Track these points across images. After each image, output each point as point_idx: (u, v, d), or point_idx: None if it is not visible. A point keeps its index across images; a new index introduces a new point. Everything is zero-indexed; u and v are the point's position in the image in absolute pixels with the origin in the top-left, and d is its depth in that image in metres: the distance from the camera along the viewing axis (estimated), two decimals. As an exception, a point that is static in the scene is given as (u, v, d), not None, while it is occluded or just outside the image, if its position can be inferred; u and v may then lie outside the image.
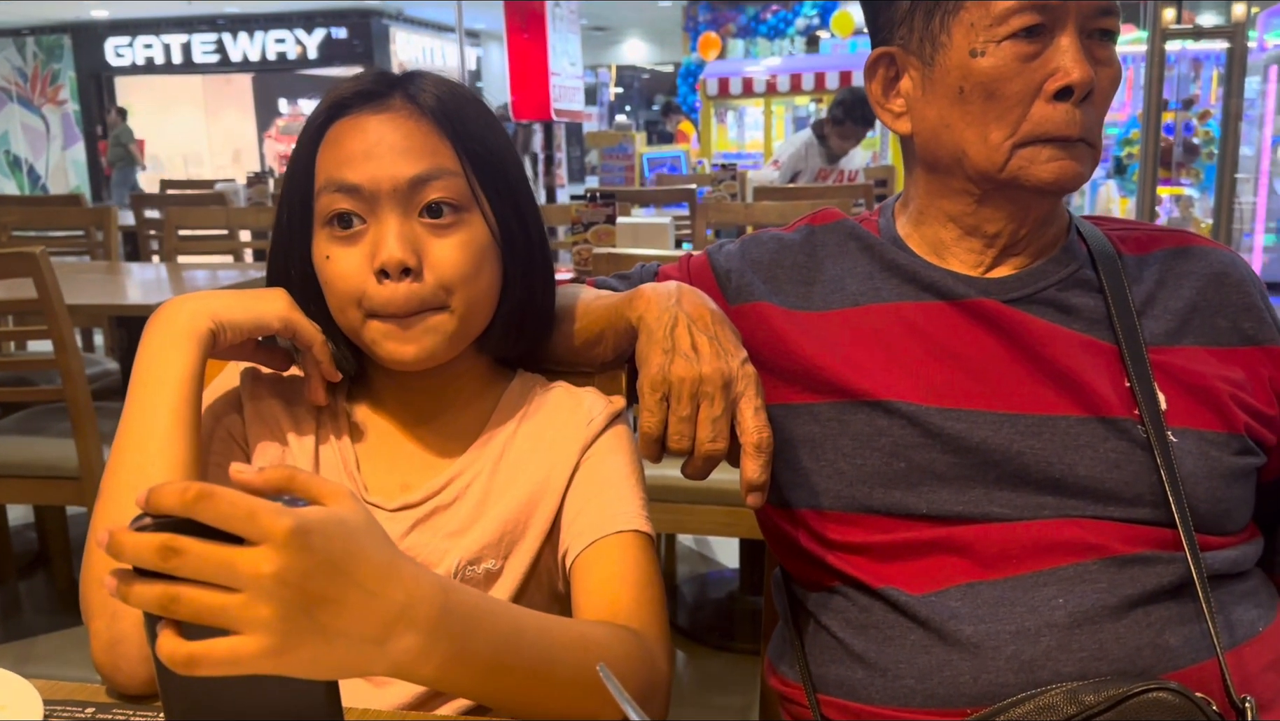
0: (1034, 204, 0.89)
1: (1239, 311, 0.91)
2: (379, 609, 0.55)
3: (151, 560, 0.50)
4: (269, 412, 0.89)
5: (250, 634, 0.51)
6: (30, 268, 2.06)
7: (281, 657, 0.52)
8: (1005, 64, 0.84)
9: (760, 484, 0.81)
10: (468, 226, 0.82)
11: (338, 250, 0.82)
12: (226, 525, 0.51)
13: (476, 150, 0.83)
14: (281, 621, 0.51)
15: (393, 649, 0.56)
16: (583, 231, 2.70)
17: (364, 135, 0.81)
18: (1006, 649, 0.80)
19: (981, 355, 0.89)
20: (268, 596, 0.51)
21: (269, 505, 0.52)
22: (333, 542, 0.53)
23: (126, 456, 0.78)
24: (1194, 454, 0.84)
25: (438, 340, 0.82)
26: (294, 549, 0.51)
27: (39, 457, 2.23)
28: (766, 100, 9.88)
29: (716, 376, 0.82)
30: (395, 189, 0.80)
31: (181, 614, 0.50)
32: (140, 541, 0.50)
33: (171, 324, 0.81)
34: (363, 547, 0.55)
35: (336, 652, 0.54)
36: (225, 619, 0.51)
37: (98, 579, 0.75)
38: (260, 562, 0.51)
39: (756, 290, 0.97)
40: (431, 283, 0.81)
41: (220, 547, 0.50)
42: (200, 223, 3.84)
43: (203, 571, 0.50)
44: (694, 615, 2.65)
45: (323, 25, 15.71)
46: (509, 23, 7.11)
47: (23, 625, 2.59)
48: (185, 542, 0.50)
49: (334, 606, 0.53)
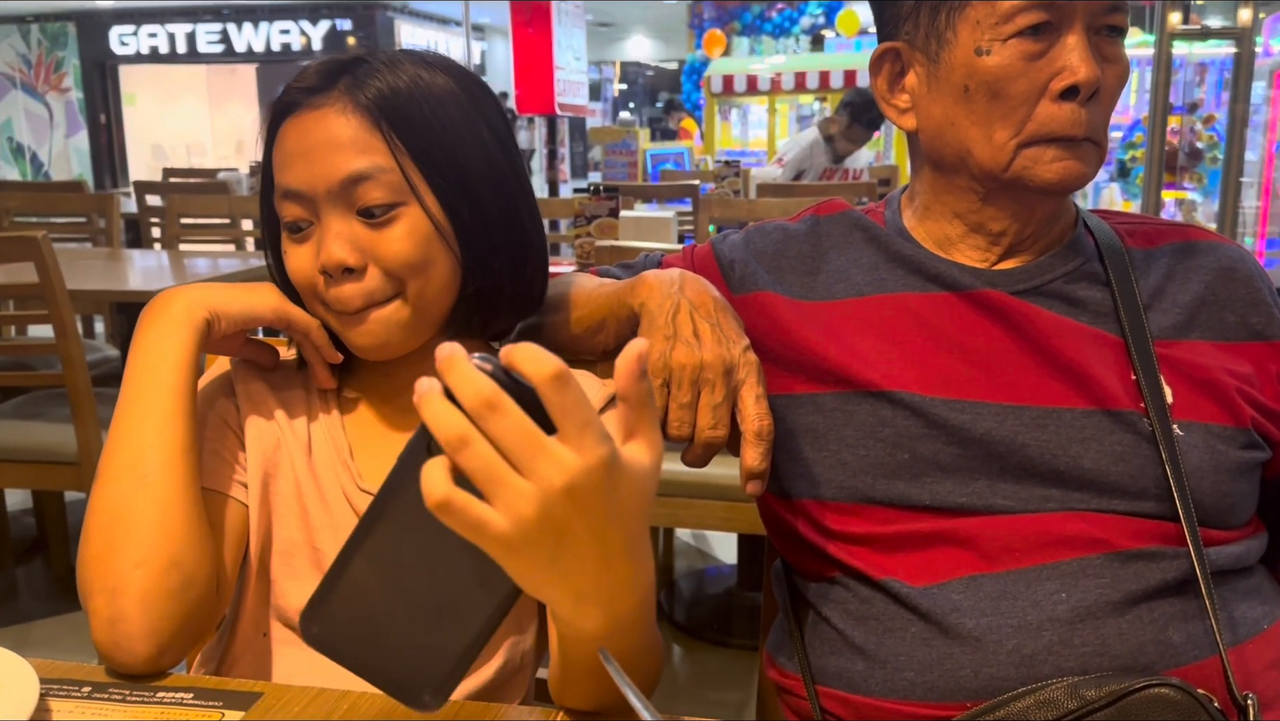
0: (1038, 203, 0.89)
1: (1247, 306, 0.90)
2: (599, 578, 0.54)
3: (472, 402, 0.48)
4: (262, 401, 0.89)
5: (505, 516, 0.49)
6: (32, 252, 2.06)
7: (510, 554, 0.50)
8: (1010, 63, 0.84)
9: (760, 472, 0.80)
10: (407, 218, 0.81)
11: (293, 249, 0.84)
12: (560, 415, 0.49)
13: (417, 139, 0.81)
14: (535, 528, 0.49)
15: (581, 612, 0.56)
16: (586, 225, 2.70)
17: (302, 135, 0.81)
18: (1008, 643, 0.80)
19: (987, 347, 0.88)
20: (544, 500, 0.49)
21: (602, 424, 0.50)
22: (619, 494, 0.51)
23: (123, 440, 0.78)
24: (1200, 447, 0.84)
25: (392, 330, 0.83)
26: (595, 475, 0.49)
27: (38, 442, 2.24)
28: (771, 98, 9.86)
29: (718, 363, 0.81)
30: (329, 190, 0.80)
31: (462, 459, 0.48)
32: (473, 378, 0.48)
33: (167, 313, 0.82)
34: (635, 511, 0.54)
35: (547, 580, 0.53)
36: (496, 491, 0.49)
37: (96, 557, 0.75)
38: (561, 468, 0.49)
39: (760, 280, 0.97)
40: (377, 276, 0.81)
41: (535, 429, 0.48)
42: (202, 210, 3.85)
43: (509, 440, 0.48)
44: (691, 610, 2.65)
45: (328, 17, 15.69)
46: (514, 17, 7.11)
47: (19, 610, 2.59)
48: (512, 408, 0.48)
49: (577, 551, 0.52)
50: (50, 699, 0.69)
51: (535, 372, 0.48)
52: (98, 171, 15.10)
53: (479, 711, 0.69)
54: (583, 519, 0.51)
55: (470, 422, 0.48)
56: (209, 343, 0.83)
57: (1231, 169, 3.13)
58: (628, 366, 0.51)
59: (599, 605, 0.56)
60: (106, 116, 15.38)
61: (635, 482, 0.52)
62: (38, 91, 15.56)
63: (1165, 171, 4.06)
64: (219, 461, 0.85)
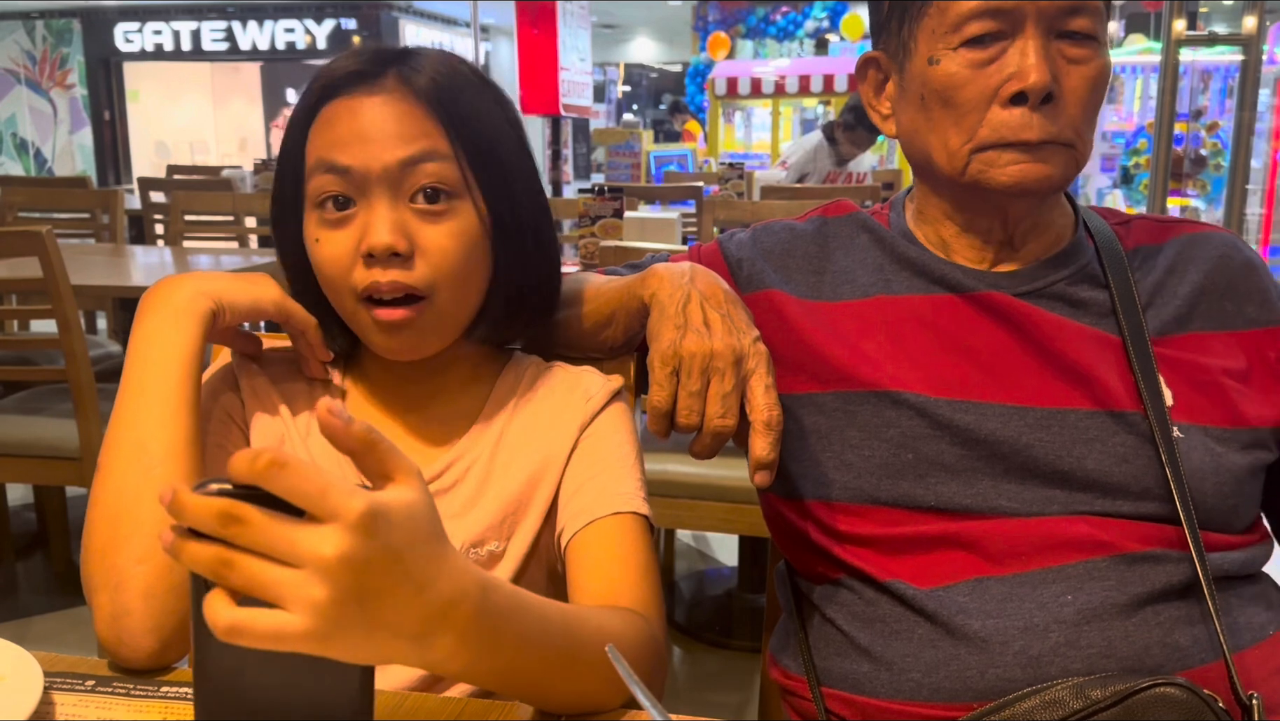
0: (1007, 204, 0.89)
1: (1244, 295, 0.91)
2: (423, 605, 0.53)
3: (212, 525, 0.48)
4: (266, 395, 0.88)
5: (299, 613, 0.48)
6: (36, 247, 2.06)
7: (324, 642, 0.50)
8: (958, 70, 0.85)
9: (769, 462, 0.80)
10: (458, 215, 0.81)
11: (327, 234, 0.81)
12: (295, 498, 0.48)
13: (469, 134, 0.81)
14: (333, 606, 0.49)
15: (428, 646, 0.55)
16: (590, 225, 2.70)
17: (355, 117, 0.79)
18: (1014, 644, 0.80)
19: (991, 348, 0.88)
20: (325, 578, 0.48)
21: (342, 483, 0.49)
22: (395, 531, 0.51)
23: (126, 432, 0.77)
24: (1200, 449, 0.84)
25: (424, 334, 0.82)
26: (361, 533, 0.49)
27: (40, 438, 2.23)
28: (774, 101, 9.88)
29: (728, 352, 0.81)
30: (386, 171, 0.79)
31: (233, 582, 0.48)
32: (202, 504, 0.48)
33: (171, 302, 0.80)
34: (421, 537, 0.53)
35: (375, 643, 0.52)
36: (277, 594, 0.48)
37: (99, 552, 0.74)
38: (325, 543, 0.48)
39: (768, 278, 0.97)
40: (421, 270, 0.80)
41: (284, 521, 0.48)
42: (206, 207, 3.85)
43: (263, 544, 0.48)
44: (691, 612, 2.64)
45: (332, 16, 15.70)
46: (520, 17, 7.11)
47: (20, 605, 2.59)
48: (249, 512, 0.48)
49: (385, 598, 0.51)
50: (54, 692, 0.69)
51: (249, 471, 0.48)
52: (101, 168, 15.11)
53: (482, 711, 0.69)
54: (373, 574, 0.50)
55: (223, 546, 0.48)
56: (212, 334, 0.82)
57: (1237, 176, 3.12)
58: (331, 424, 0.50)
59: (441, 631, 0.55)
60: (110, 113, 15.38)
61: (408, 516, 0.52)
62: (42, 87, 15.56)
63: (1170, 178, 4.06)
64: (223, 455, 0.85)
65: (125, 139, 15.59)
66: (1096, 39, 0.85)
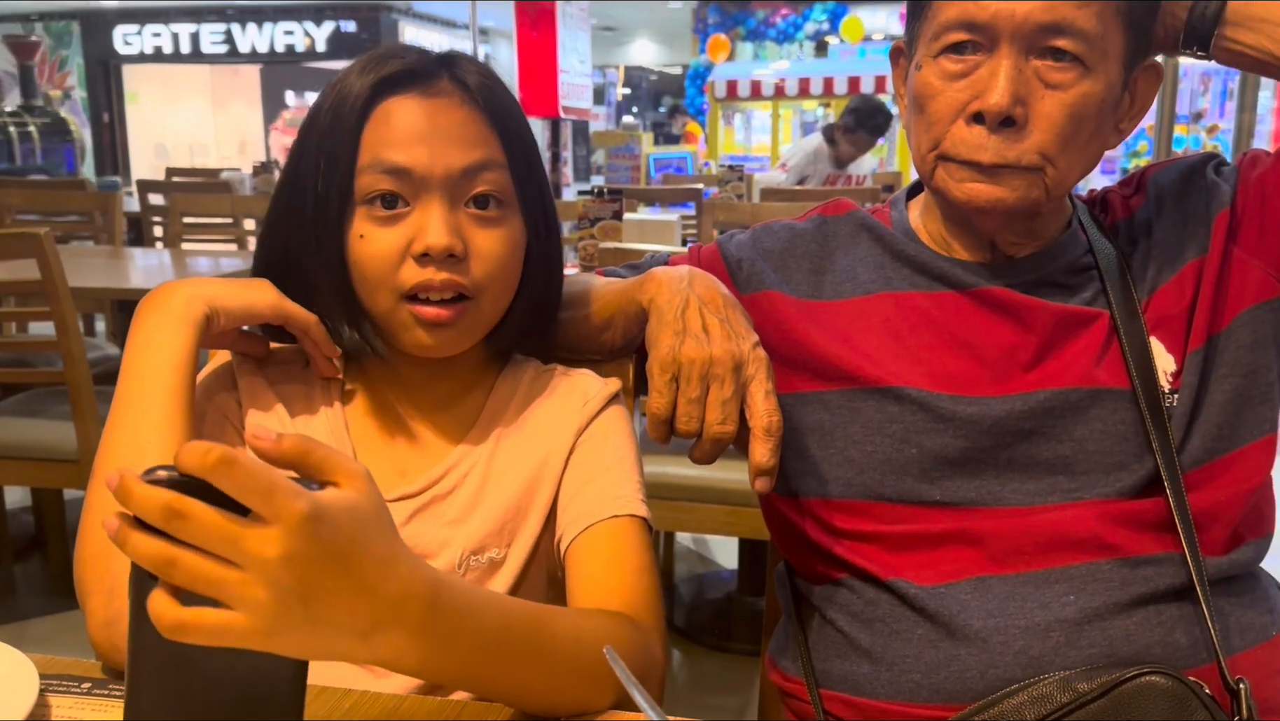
0: (969, 218, 0.90)
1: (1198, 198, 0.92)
2: (370, 604, 0.54)
3: (156, 517, 0.48)
4: (264, 396, 0.88)
5: (241, 611, 0.49)
6: (34, 248, 2.05)
7: (267, 638, 0.50)
8: (932, 80, 0.85)
9: (769, 468, 0.80)
10: (508, 222, 0.82)
11: (374, 230, 0.80)
12: (241, 496, 0.49)
13: (519, 144, 0.83)
14: (276, 605, 0.50)
15: (376, 643, 0.55)
16: (589, 227, 2.69)
17: (416, 118, 0.80)
18: (1015, 644, 0.79)
19: (992, 342, 0.89)
20: (267, 579, 0.49)
21: (288, 484, 0.50)
22: (340, 531, 0.51)
23: (121, 435, 0.77)
24: (1195, 390, 0.86)
25: (462, 333, 0.83)
26: (304, 534, 0.49)
27: (38, 440, 2.23)
28: (774, 104, 9.89)
29: (727, 358, 0.81)
30: (448, 176, 0.79)
31: (176, 579, 0.48)
32: (148, 494, 0.48)
33: (167, 306, 0.80)
34: (368, 537, 0.54)
35: (320, 640, 0.53)
36: (220, 592, 0.49)
37: (93, 556, 0.74)
38: (267, 544, 0.49)
39: (768, 279, 0.97)
40: (475, 272, 0.81)
41: (228, 520, 0.49)
42: (205, 209, 3.84)
43: (206, 540, 0.48)
44: (691, 615, 2.64)
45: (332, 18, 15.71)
46: (519, 19, 7.11)
47: (18, 608, 2.58)
48: (193, 507, 0.48)
49: (329, 598, 0.52)
50: (50, 694, 0.69)
51: (199, 465, 0.48)
52: (100, 170, 15.11)
53: (481, 711, 0.68)
54: (316, 573, 0.51)
55: (168, 541, 0.48)
56: (207, 338, 0.82)
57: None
58: (260, 446, 0.51)
59: (389, 628, 0.55)
60: (110, 115, 15.39)
61: (352, 516, 0.52)
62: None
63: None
64: None
65: (124, 141, 15.61)
66: (1082, 62, 0.82)
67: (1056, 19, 0.80)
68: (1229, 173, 0.93)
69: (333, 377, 0.89)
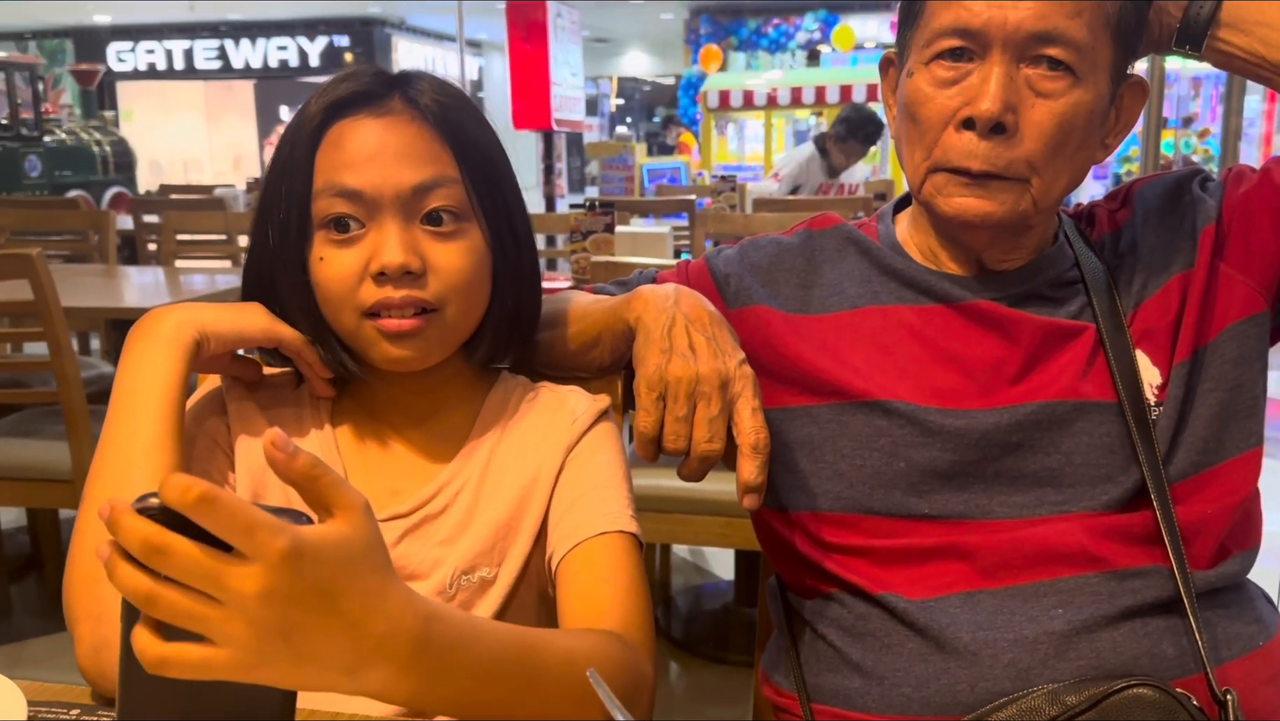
0: (957, 232, 0.90)
1: (1185, 215, 0.92)
2: (355, 640, 0.53)
3: (139, 551, 0.48)
4: (253, 420, 0.88)
5: (224, 646, 0.49)
6: (26, 269, 2.06)
7: (250, 672, 0.51)
8: (924, 87, 0.86)
9: (757, 485, 0.80)
10: (466, 235, 0.82)
11: (332, 252, 0.81)
12: (222, 533, 0.49)
13: (474, 157, 0.83)
14: (257, 641, 0.50)
15: (362, 678, 0.55)
16: (581, 240, 2.70)
17: (365, 139, 0.80)
18: (1004, 656, 0.80)
19: (980, 355, 0.89)
20: (247, 616, 0.49)
21: (268, 521, 0.49)
22: (324, 568, 0.51)
23: (111, 461, 0.77)
24: (1180, 404, 0.86)
25: (430, 344, 0.82)
26: (284, 572, 0.49)
27: (33, 460, 2.23)
28: (767, 113, 9.91)
29: (714, 376, 0.81)
30: (399, 195, 0.79)
31: (158, 614, 0.49)
32: (134, 527, 0.48)
33: (157, 331, 0.80)
34: (355, 573, 0.53)
35: (304, 675, 0.53)
36: (201, 628, 0.49)
37: (82, 583, 0.74)
38: (247, 581, 0.49)
39: (755, 294, 0.97)
40: (434, 286, 0.81)
41: (208, 557, 0.49)
42: (198, 227, 3.84)
43: (186, 576, 0.48)
44: (688, 626, 2.64)
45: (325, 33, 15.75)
46: (511, 33, 7.13)
47: (13, 629, 2.57)
48: (174, 543, 0.48)
49: (311, 634, 0.51)
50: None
51: (179, 502, 0.48)
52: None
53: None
54: (296, 610, 0.50)
55: (150, 576, 0.48)
56: (197, 362, 0.82)
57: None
58: (275, 457, 0.51)
59: (376, 664, 0.55)
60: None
61: (339, 553, 0.52)
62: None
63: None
64: (208, 480, 0.84)
65: (119, 158, 15.56)
66: (1073, 71, 0.83)
67: (1048, 28, 0.81)
68: (1214, 188, 0.94)
69: (328, 397, 0.89)
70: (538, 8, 7.09)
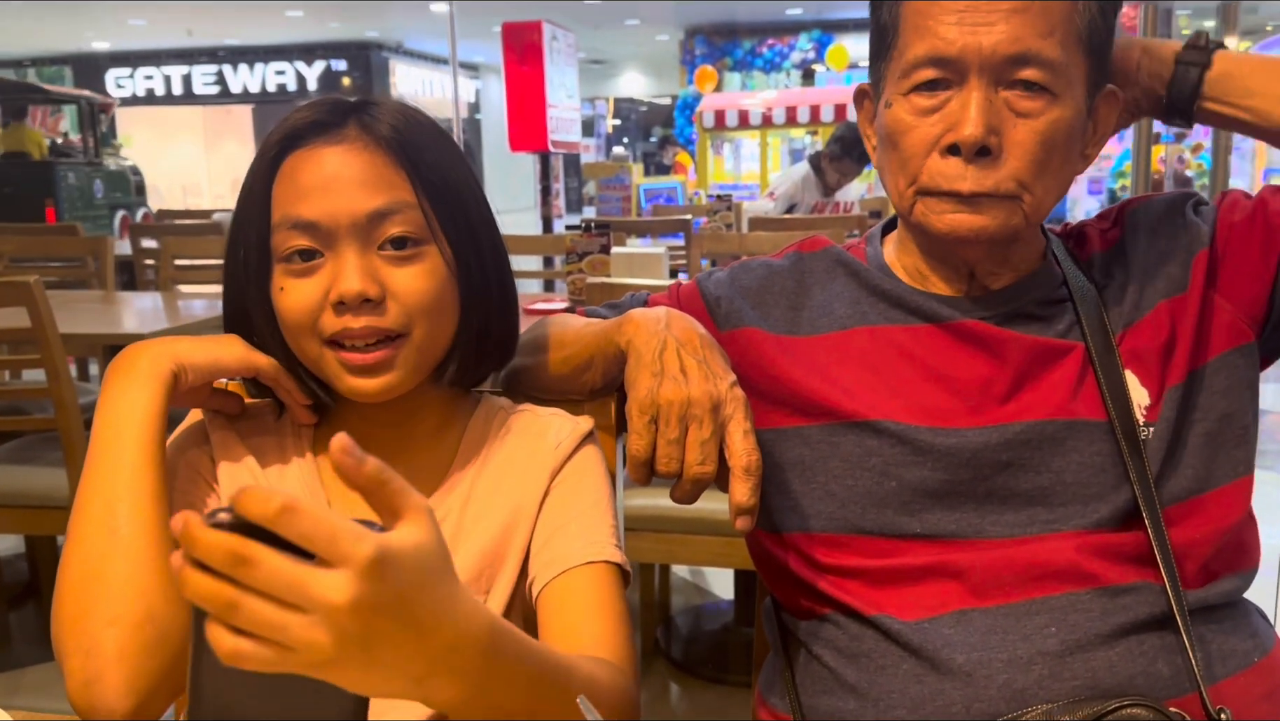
0: (953, 249, 0.91)
1: (1179, 239, 0.93)
2: (426, 649, 0.53)
3: (222, 563, 0.47)
4: (236, 450, 0.88)
5: (302, 653, 0.49)
6: (24, 297, 2.07)
7: (323, 672, 0.50)
8: (903, 116, 0.87)
9: (749, 507, 0.80)
10: (426, 258, 0.81)
11: (292, 283, 0.81)
12: (305, 542, 0.48)
13: (433, 181, 0.82)
14: (336, 649, 0.49)
15: (427, 687, 0.55)
16: (577, 261, 2.71)
17: (319, 168, 0.80)
18: (998, 677, 0.80)
19: (969, 375, 0.89)
20: (331, 624, 0.48)
21: (351, 528, 0.49)
22: (405, 574, 0.51)
23: (92, 496, 0.77)
24: (1172, 427, 0.87)
25: (398, 374, 0.82)
26: (370, 579, 0.49)
27: (31, 487, 2.23)
28: (762, 132, 9.95)
29: (705, 399, 0.82)
30: (354, 223, 0.79)
31: (239, 623, 0.48)
32: (214, 541, 0.47)
33: (133, 367, 0.81)
34: (429, 580, 0.53)
35: (374, 680, 0.52)
36: (282, 636, 0.48)
37: (70, 618, 0.74)
38: (334, 590, 0.48)
39: (746, 316, 0.98)
40: (395, 312, 0.80)
41: (295, 567, 0.48)
42: (197, 252, 3.85)
43: (271, 586, 0.48)
44: (688, 647, 2.63)
45: (322, 57, 15.83)
46: (506, 55, 7.16)
47: (12, 656, 2.57)
48: (259, 554, 0.48)
49: (387, 642, 0.51)
50: (32, 752, 0.69)
51: (262, 514, 0.48)
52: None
53: None
54: (379, 619, 0.50)
55: (230, 585, 0.48)
56: (175, 395, 0.82)
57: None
58: (345, 463, 0.50)
59: (441, 674, 0.55)
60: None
61: (416, 559, 0.52)
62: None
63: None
64: (191, 510, 0.84)
65: (118, 183, 15.64)
66: (1049, 90, 0.84)
67: (1022, 50, 0.82)
68: (1208, 213, 0.94)
69: (309, 424, 0.89)
70: (533, 30, 7.13)
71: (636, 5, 13.33)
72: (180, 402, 0.85)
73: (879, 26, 0.91)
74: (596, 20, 14.04)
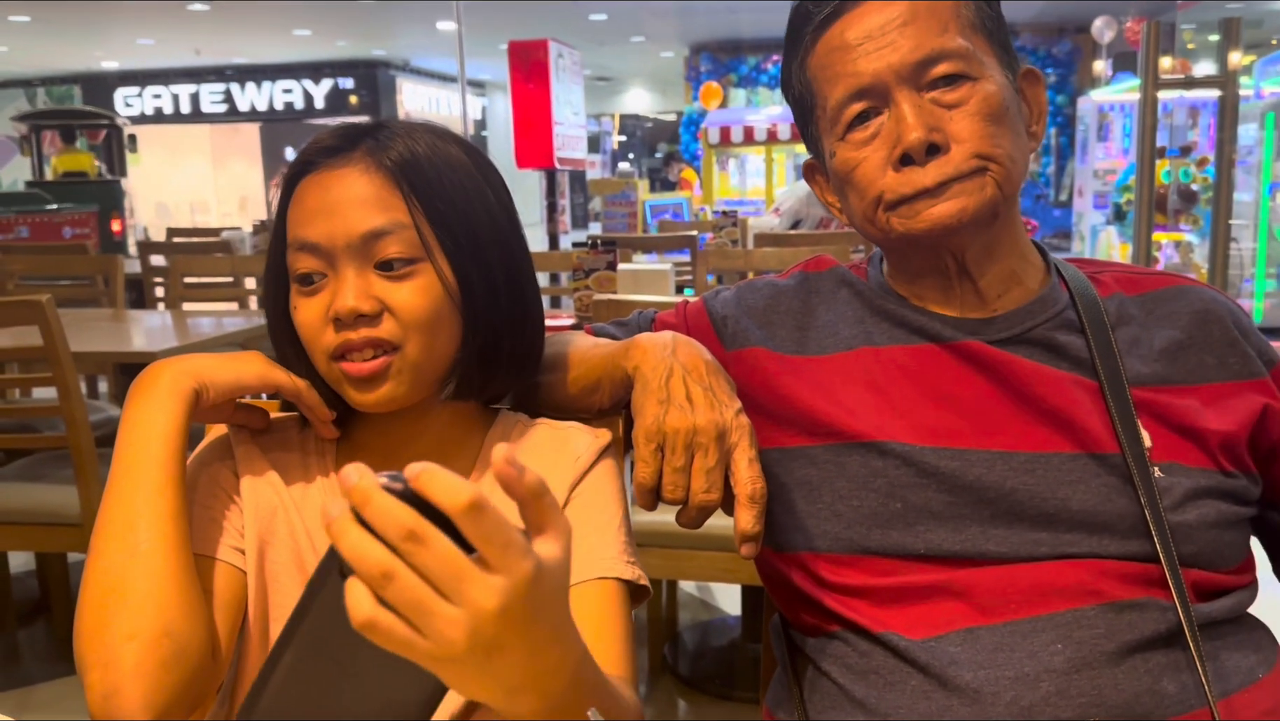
0: (943, 244, 0.91)
1: (1224, 347, 0.92)
2: (532, 667, 0.54)
3: (393, 534, 0.47)
4: (259, 466, 0.89)
5: (433, 641, 0.49)
6: (36, 315, 2.08)
7: (439, 666, 0.51)
8: (849, 155, 0.89)
9: (754, 535, 0.81)
10: (421, 275, 0.84)
11: (303, 301, 0.85)
12: (481, 543, 0.48)
13: (434, 202, 0.84)
14: (466, 650, 0.49)
15: (515, 700, 0.55)
16: (584, 278, 2.73)
17: (324, 192, 0.83)
18: (1006, 695, 0.80)
19: (972, 396, 0.90)
20: (474, 626, 0.49)
21: (522, 540, 0.50)
22: (544, 595, 0.52)
23: (114, 512, 0.79)
24: (1182, 486, 0.85)
25: (395, 385, 0.84)
26: (522, 594, 0.50)
27: (41, 504, 2.24)
28: (767, 148, 9.99)
29: (711, 427, 0.82)
30: (349, 244, 0.82)
31: (387, 594, 0.48)
32: (391, 508, 0.48)
33: (156, 385, 0.82)
34: (557, 601, 0.54)
35: (477, 683, 0.53)
36: (423, 620, 0.48)
37: (91, 630, 0.75)
38: (491, 593, 0.49)
39: (752, 336, 0.99)
40: (391, 324, 0.83)
41: (462, 559, 0.48)
42: (206, 270, 3.88)
43: (433, 572, 0.48)
44: (695, 663, 2.63)
45: (330, 76, 15.92)
46: (513, 74, 7.21)
47: (22, 673, 2.57)
48: (432, 535, 0.48)
49: (508, 654, 0.52)
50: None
51: (450, 504, 0.48)
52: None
53: None
54: (510, 632, 0.51)
55: (392, 553, 0.48)
56: (198, 412, 0.84)
57: (1220, 211, 3.16)
58: (507, 474, 0.50)
59: (530, 692, 0.56)
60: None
61: (554, 577, 0.53)
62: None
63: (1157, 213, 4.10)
64: (213, 527, 0.86)
65: (127, 202, 15.75)
66: (967, 76, 0.86)
67: (927, 51, 0.85)
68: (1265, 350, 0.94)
69: (332, 438, 0.91)
70: (539, 49, 7.18)
71: (642, 23, 13.40)
72: (204, 419, 0.87)
73: (796, 99, 0.95)
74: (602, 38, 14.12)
